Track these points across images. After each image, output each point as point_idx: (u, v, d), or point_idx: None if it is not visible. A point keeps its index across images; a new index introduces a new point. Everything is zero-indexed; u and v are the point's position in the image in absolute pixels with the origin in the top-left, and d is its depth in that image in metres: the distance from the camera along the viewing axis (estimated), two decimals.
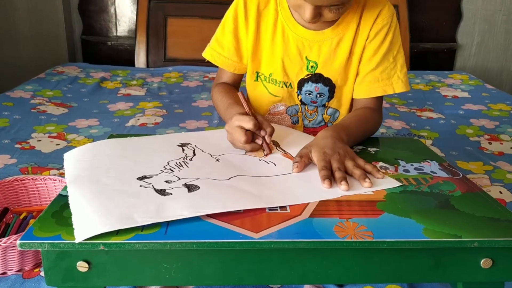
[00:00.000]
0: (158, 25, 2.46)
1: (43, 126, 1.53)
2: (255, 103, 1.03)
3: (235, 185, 0.64)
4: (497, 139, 1.54)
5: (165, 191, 0.61)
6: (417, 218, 0.57)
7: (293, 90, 0.97)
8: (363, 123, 0.88)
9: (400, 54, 0.94)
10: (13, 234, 0.82)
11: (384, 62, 0.92)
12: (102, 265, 0.53)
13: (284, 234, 0.53)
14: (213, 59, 0.99)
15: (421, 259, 0.55)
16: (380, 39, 0.91)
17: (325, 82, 0.95)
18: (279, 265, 0.54)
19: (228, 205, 0.58)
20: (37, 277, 0.77)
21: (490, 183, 1.19)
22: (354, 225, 0.55)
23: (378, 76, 0.92)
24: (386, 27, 0.91)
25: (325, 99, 0.97)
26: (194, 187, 0.63)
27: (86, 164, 0.70)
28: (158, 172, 0.68)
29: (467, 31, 2.70)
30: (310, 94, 0.96)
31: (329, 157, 0.70)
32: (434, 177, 0.71)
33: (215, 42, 0.99)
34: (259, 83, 0.99)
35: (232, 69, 0.99)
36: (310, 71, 0.94)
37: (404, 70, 0.94)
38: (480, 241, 0.53)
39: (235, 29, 0.94)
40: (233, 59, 0.97)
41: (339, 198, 0.63)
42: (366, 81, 0.93)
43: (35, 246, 0.50)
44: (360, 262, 0.55)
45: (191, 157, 0.75)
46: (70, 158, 0.73)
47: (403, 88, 0.94)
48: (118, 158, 0.73)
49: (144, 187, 0.62)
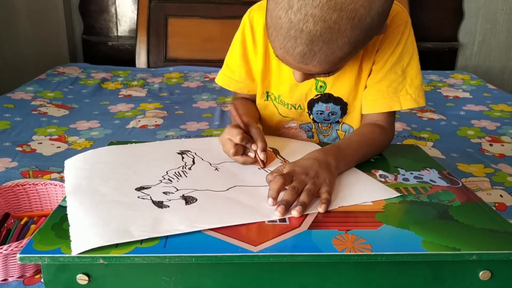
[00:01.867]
0: (159, 25, 2.46)
1: (44, 128, 1.53)
2: (266, 121, 1.01)
3: (233, 197, 0.64)
4: (498, 141, 1.53)
5: (162, 203, 0.61)
6: (416, 229, 0.57)
7: (303, 111, 0.94)
8: (365, 145, 0.81)
9: (412, 67, 0.86)
10: (14, 240, 0.83)
11: (390, 75, 0.85)
12: (101, 278, 0.53)
13: (282, 247, 0.53)
14: (226, 84, 0.98)
15: (419, 272, 0.55)
16: (390, 50, 0.84)
17: (336, 102, 0.91)
18: (278, 278, 0.55)
19: (225, 219, 0.58)
20: (38, 283, 0.77)
21: (491, 186, 1.18)
22: (352, 238, 0.55)
23: (384, 90, 0.86)
24: (398, 36, 0.83)
25: (338, 116, 0.94)
26: (192, 199, 0.63)
27: (86, 173, 0.71)
28: (156, 183, 0.68)
29: (469, 30, 2.69)
30: (321, 114, 0.94)
31: (295, 175, 0.67)
32: (433, 186, 0.71)
33: (225, 67, 0.98)
34: (270, 103, 0.97)
35: (246, 91, 0.98)
36: (319, 91, 0.91)
37: (415, 84, 0.86)
38: (479, 254, 0.53)
39: (244, 53, 0.93)
40: (246, 82, 0.96)
41: (337, 209, 0.63)
42: (371, 96, 0.88)
43: (35, 260, 0.50)
44: (358, 274, 0.55)
45: (190, 166, 0.75)
46: (71, 166, 0.74)
47: (412, 104, 0.86)
48: (117, 166, 0.73)
49: (142, 199, 0.63)
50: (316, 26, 0.61)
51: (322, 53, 0.64)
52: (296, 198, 0.63)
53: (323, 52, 0.63)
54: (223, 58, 0.99)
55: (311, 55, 0.64)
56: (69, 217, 0.58)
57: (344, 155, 0.75)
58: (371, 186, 0.70)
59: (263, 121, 1.02)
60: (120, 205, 0.60)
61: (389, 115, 0.89)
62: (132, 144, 0.84)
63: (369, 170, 0.76)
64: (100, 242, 0.51)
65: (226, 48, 0.99)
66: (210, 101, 1.92)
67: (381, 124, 0.88)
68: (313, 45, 0.63)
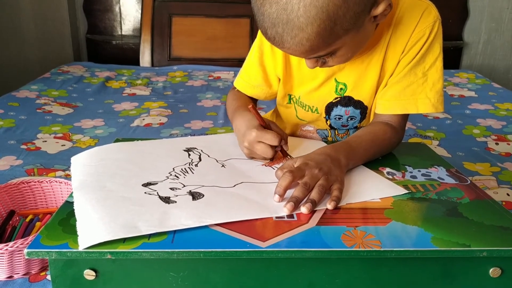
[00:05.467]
0: (163, 24, 2.46)
1: (48, 127, 1.53)
2: (285, 121, 1.00)
3: (240, 193, 0.64)
4: (504, 140, 1.53)
5: (169, 198, 0.61)
6: (425, 226, 0.57)
7: (320, 115, 0.92)
8: (375, 145, 0.79)
9: (435, 69, 0.81)
10: (20, 237, 0.83)
11: (410, 76, 0.81)
12: (109, 274, 0.53)
13: (291, 242, 0.52)
14: (244, 89, 0.96)
15: (429, 268, 0.55)
16: (415, 52, 0.80)
17: (356, 105, 0.88)
18: (286, 273, 0.54)
19: (232, 215, 0.58)
20: (44, 280, 0.77)
21: (497, 185, 1.18)
22: (361, 234, 0.54)
23: (401, 91, 0.82)
24: (424, 38, 0.79)
25: (357, 121, 0.91)
26: (199, 195, 0.63)
27: (92, 169, 0.70)
28: (163, 179, 0.68)
29: (473, 29, 2.68)
30: (340, 119, 0.91)
31: (307, 169, 0.65)
32: (441, 183, 0.70)
33: (243, 71, 0.96)
34: (292, 106, 0.95)
35: (263, 97, 0.95)
36: (339, 94, 0.88)
37: (436, 88, 0.81)
38: (489, 250, 0.53)
39: (260, 58, 0.91)
40: (262, 88, 0.94)
41: (345, 205, 0.62)
42: (387, 95, 0.84)
43: (42, 255, 0.50)
44: (368, 271, 0.55)
45: (196, 163, 0.75)
46: (77, 162, 0.74)
47: (430, 109, 0.81)
48: (123, 163, 0.73)
49: (148, 194, 0.62)
50: (271, 8, 0.61)
51: (287, 35, 0.63)
52: (307, 195, 0.62)
53: (287, 34, 0.62)
54: (227, 57, 0.99)
55: (278, 37, 0.64)
56: (76, 212, 0.57)
57: (354, 153, 0.74)
58: (379, 183, 0.70)
59: (283, 120, 1.01)
60: (127, 200, 0.60)
61: (402, 117, 0.86)
62: (138, 141, 0.84)
63: (376, 168, 0.75)
64: (108, 237, 0.51)
65: (230, 47, 0.99)
66: (215, 99, 1.92)
67: (394, 125, 0.84)
68: (276, 27, 0.63)
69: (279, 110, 1.00)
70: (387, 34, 0.81)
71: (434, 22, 0.79)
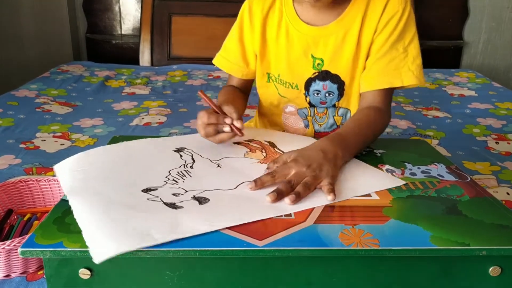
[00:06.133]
0: (163, 23, 2.46)
1: (47, 126, 1.53)
2: (267, 104, 1.02)
3: (244, 194, 0.63)
4: (504, 139, 1.52)
5: (175, 204, 0.59)
6: (424, 224, 0.56)
7: (300, 91, 0.94)
8: (363, 129, 0.81)
9: (414, 45, 0.86)
10: (17, 236, 0.82)
11: (392, 51, 0.85)
12: (104, 273, 0.52)
13: (288, 241, 0.52)
14: (221, 65, 1.01)
15: (428, 267, 0.54)
16: (390, 30, 0.84)
17: (333, 79, 0.91)
18: (283, 272, 0.54)
19: (244, 217, 0.57)
20: (41, 279, 0.76)
21: (497, 184, 1.17)
22: (359, 232, 0.54)
23: (385, 67, 0.85)
24: (397, 15, 0.84)
25: (335, 98, 0.94)
26: (204, 199, 0.61)
27: (81, 174, 0.68)
28: (162, 184, 0.66)
29: (474, 29, 2.68)
30: (318, 94, 0.93)
31: (295, 167, 0.66)
32: (441, 180, 0.70)
33: (223, 48, 1.01)
34: (271, 84, 0.97)
35: (240, 75, 0.99)
36: (317, 68, 0.91)
37: (417, 62, 0.86)
38: (489, 249, 0.52)
39: (240, 35, 0.96)
40: (240, 65, 0.98)
41: (343, 203, 0.62)
42: (371, 73, 0.87)
43: (37, 254, 0.49)
44: (365, 269, 0.54)
45: (191, 164, 0.73)
46: (63, 169, 0.70)
47: (414, 80, 0.85)
48: (116, 166, 0.71)
49: (152, 201, 0.60)
50: None
51: None
52: (290, 191, 0.63)
53: None
54: None
55: None
56: (78, 222, 0.55)
57: (347, 142, 0.75)
58: (375, 176, 0.70)
59: (265, 104, 1.03)
60: (130, 208, 0.58)
61: (386, 95, 0.87)
62: (125, 142, 0.82)
63: (375, 165, 0.75)
64: (123, 248, 0.49)
65: None
66: (214, 99, 1.89)
67: (377, 106, 0.86)
68: None
69: (260, 94, 1.03)
70: (362, 8, 0.85)
71: (406, 1, 0.84)
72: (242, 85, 1.03)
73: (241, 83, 1.02)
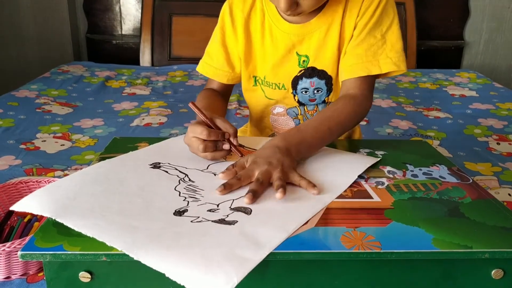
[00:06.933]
0: (163, 23, 2.46)
1: (48, 126, 1.53)
2: (254, 107, 1.00)
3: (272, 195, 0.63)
4: (505, 140, 1.52)
5: (224, 220, 0.56)
6: (426, 227, 0.56)
7: (287, 91, 0.93)
8: (326, 120, 0.78)
9: (392, 31, 0.84)
10: (18, 238, 0.82)
11: (369, 39, 0.84)
12: (104, 276, 0.52)
13: (290, 244, 0.51)
14: (205, 71, 0.97)
15: (430, 270, 0.54)
16: (368, 16, 0.83)
17: (320, 75, 0.90)
18: (284, 275, 0.53)
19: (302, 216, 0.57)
20: (41, 281, 0.76)
21: (499, 185, 1.17)
22: (361, 235, 0.54)
23: (362, 53, 0.84)
24: (376, 1, 0.83)
25: (324, 94, 0.92)
26: (245, 208, 0.59)
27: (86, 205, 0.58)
28: (184, 204, 0.60)
29: (474, 29, 2.67)
30: (306, 92, 0.92)
31: (257, 168, 0.65)
32: (443, 182, 0.69)
33: (206, 54, 0.97)
34: (258, 87, 0.96)
35: (225, 80, 0.95)
36: (303, 66, 0.90)
37: (396, 48, 0.84)
38: (491, 252, 0.52)
39: (223, 39, 0.92)
40: (225, 69, 0.94)
41: (345, 205, 0.61)
42: (349, 61, 0.85)
43: (37, 257, 0.49)
44: (367, 272, 0.54)
45: (187, 178, 0.68)
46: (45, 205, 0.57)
47: (392, 67, 0.83)
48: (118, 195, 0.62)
49: (198, 222, 0.55)
50: None
51: None
52: (263, 189, 0.62)
53: None
54: None
55: None
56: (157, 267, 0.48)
57: (303, 136, 0.73)
58: (351, 161, 0.72)
59: (252, 108, 1.01)
60: (182, 235, 0.52)
61: (366, 82, 0.85)
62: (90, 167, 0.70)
63: (377, 167, 0.74)
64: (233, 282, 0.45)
65: None
66: None
67: (353, 93, 0.84)
68: None
69: (246, 98, 1.01)
70: (342, 1, 0.84)
71: None
72: (223, 89, 0.98)
73: (222, 87, 0.98)
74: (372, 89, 0.88)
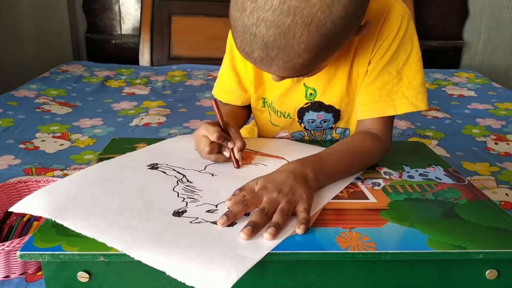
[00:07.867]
0: (163, 23, 2.46)
1: (47, 126, 1.53)
2: (260, 125, 0.99)
3: None
4: (503, 139, 1.52)
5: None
6: (421, 227, 0.56)
7: (293, 120, 0.90)
8: (351, 154, 0.72)
9: (410, 66, 0.77)
10: (17, 237, 0.82)
11: (383, 76, 0.77)
12: (102, 276, 0.53)
13: (286, 244, 0.52)
14: (220, 96, 0.94)
15: (425, 271, 0.55)
16: (383, 51, 0.76)
17: (328, 110, 0.86)
18: (280, 275, 0.54)
19: None
20: (40, 280, 0.77)
21: (496, 185, 1.17)
22: (357, 236, 0.54)
23: (376, 93, 0.78)
24: (393, 33, 0.75)
25: (331, 123, 0.89)
26: None
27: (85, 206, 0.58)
28: (183, 204, 0.60)
29: (473, 29, 2.68)
30: (313, 122, 0.88)
31: (265, 194, 0.59)
32: (439, 183, 0.70)
33: (219, 78, 0.95)
34: (266, 109, 0.93)
35: (240, 102, 0.93)
36: (309, 99, 0.85)
37: (413, 85, 0.77)
38: (486, 252, 0.52)
39: (232, 63, 0.89)
40: (238, 93, 0.92)
41: (341, 206, 0.62)
42: (362, 100, 0.80)
43: (35, 257, 0.50)
44: (362, 273, 0.55)
45: (185, 179, 0.69)
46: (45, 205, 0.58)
47: (409, 108, 0.77)
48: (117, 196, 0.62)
49: (196, 223, 0.55)
50: (268, 31, 0.57)
51: (280, 59, 0.59)
52: (266, 220, 0.56)
53: (281, 58, 0.59)
54: None
55: (268, 60, 0.60)
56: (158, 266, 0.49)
57: (325, 165, 0.67)
58: None
59: (258, 124, 0.99)
60: (182, 235, 0.53)
61: (384, 121, 0.80)
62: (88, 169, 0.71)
63: (373, 168, 0.75)
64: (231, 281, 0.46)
65: None
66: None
67: (375, 132, 0.79)
68: (268, 50, 0.59)
69: (254, 115, 0.98)
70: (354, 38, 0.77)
71: (402, 18, 0.75)
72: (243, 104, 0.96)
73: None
74: (392, 126, 0.83)
